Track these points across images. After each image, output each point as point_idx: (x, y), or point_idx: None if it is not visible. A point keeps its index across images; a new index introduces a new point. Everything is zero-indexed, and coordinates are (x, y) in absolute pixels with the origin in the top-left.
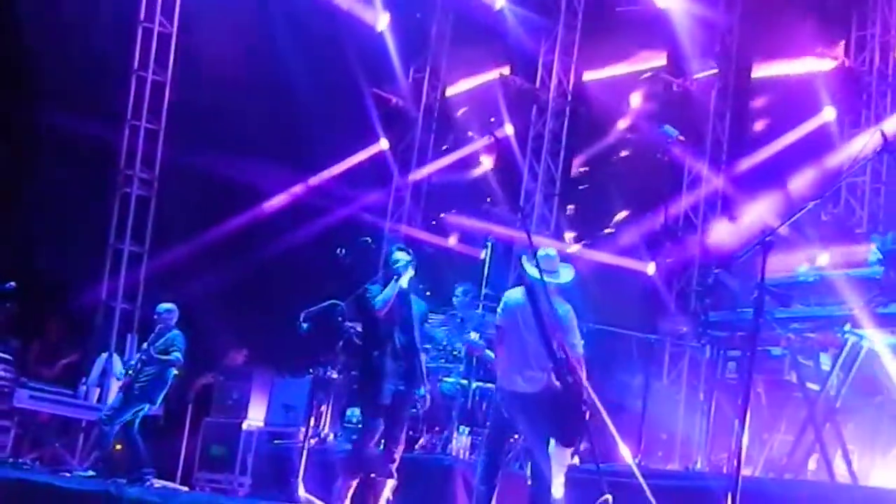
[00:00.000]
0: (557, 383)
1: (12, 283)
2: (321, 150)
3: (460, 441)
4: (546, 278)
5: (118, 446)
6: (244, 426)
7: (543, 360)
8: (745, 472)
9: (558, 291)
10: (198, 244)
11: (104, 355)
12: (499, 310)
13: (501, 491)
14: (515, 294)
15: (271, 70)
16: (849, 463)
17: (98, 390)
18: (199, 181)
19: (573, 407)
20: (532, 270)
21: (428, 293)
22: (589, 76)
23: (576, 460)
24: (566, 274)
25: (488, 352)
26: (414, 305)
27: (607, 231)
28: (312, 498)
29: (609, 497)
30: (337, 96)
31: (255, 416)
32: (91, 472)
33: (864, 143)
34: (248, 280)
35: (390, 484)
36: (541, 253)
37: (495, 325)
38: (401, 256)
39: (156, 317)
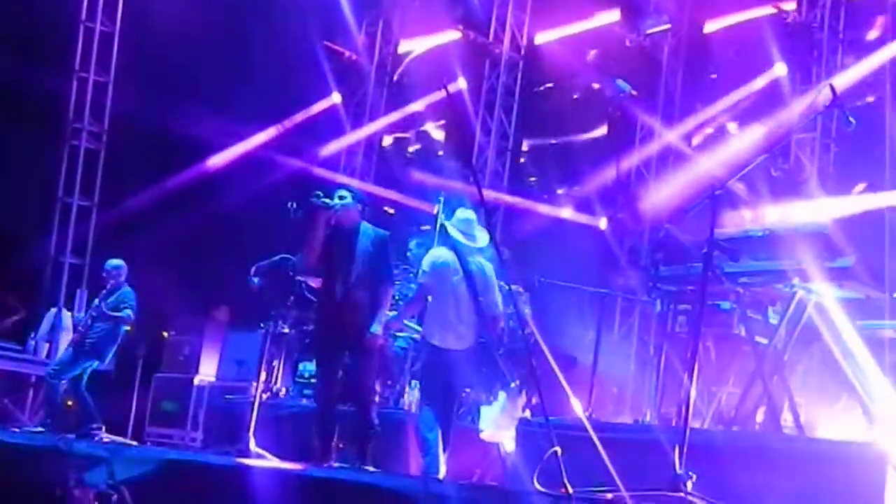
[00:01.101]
0: (481, 339)
1: None
2: (273, 104)
3: (412, 395)
4: (466, 241)
5: (68, 402)
6: (196, 381)
7: (471, 317)
8: (694, 424)
9: (477, 251)
10: (148, 198)
11: (53, 310)
12: (425, 269)
13: (455, 446)
14: (442, 254)
15: (223, 21)
16: (796, 414)
17: (47, 345)
18: (149, 134)
19: (492, 361)
20: (455, 233)
21: None
22: (542, 35)
23: (527, 413)
24: (482, 238)
25: None
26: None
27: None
28: (264, 452)
29: (558, 449)
30: (290, 49)
31: (207, 371)
32: (40, 428)
33: (814, 97)
34: (199, 234)
35: None
36: (461, 216)
37: (417, 284)
38: None
39: (104, 274)
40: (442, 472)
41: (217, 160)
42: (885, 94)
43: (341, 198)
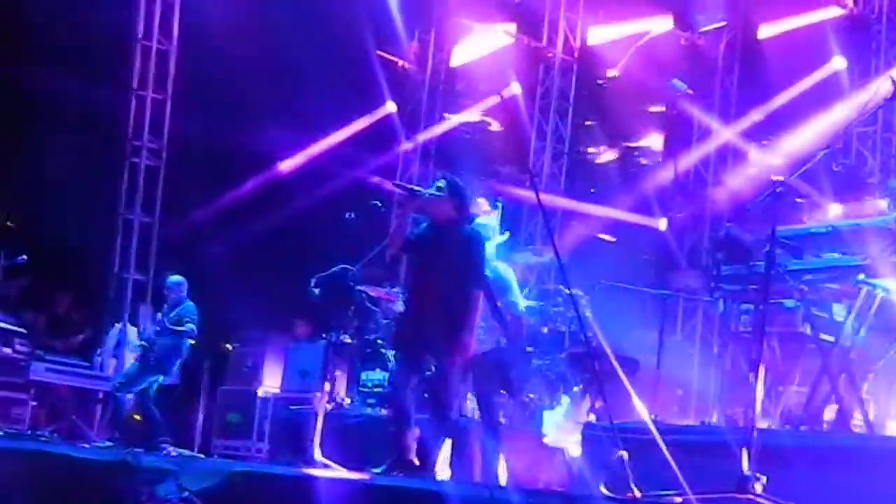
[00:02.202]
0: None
1: (23, 257)
2: (328, 115)
3: (474, 402)
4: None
5: (135, 416)
6: (260, 393)
7: (490, 320)
8: (761, 424)
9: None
10: (208, 212)
11: (118, 326)
12: None
13: (519, 452)
14: None
15: (276, 35)
16: (865, 413)
17: (113, 361)
18: (208, 149)
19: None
20: None
21: None
22: (595, 36)
23: (591, 417)
24: (499, 239)
25: None
26: None
27: None
28: (329, 462)
29: (624, 453)
30: (342, 60)
31: (271, 383)
32: (108, 443)
33: (874, 90)
34: (259, 246)
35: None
36: (480, 221)
37: None
38: None
39: (165, 290)
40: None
41: (274, 173)
42: None
43: (438, 188)
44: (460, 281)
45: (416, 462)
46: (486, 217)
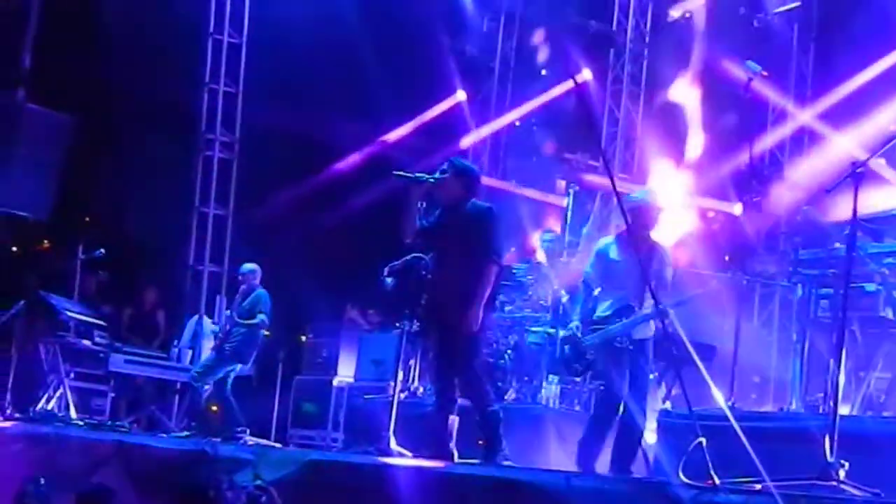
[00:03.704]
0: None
1: (101, 251)
2: (397, 104)
3: (549, 390)
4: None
5: (213, 407)
6: (334, 383)
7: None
8: (843, 411)
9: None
10: (282, 203)
11: (195, 318)
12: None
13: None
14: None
15: (344, 25)
16: None
17: (190, 352)
18: (281, 141)
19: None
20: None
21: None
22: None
23: (667, 405)
24: None
25: None
26: None
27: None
28: (404, 450)
29: (703, 440)
30: (413, 49)
31: (345, 373)
32: (186, 433)
33: None
34: (333, 236)
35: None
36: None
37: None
38: None
39: (239, 277)
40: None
41: (345, 163)
42: None
43: (442, 171)
44: (472, 257)
45: (455, 451)
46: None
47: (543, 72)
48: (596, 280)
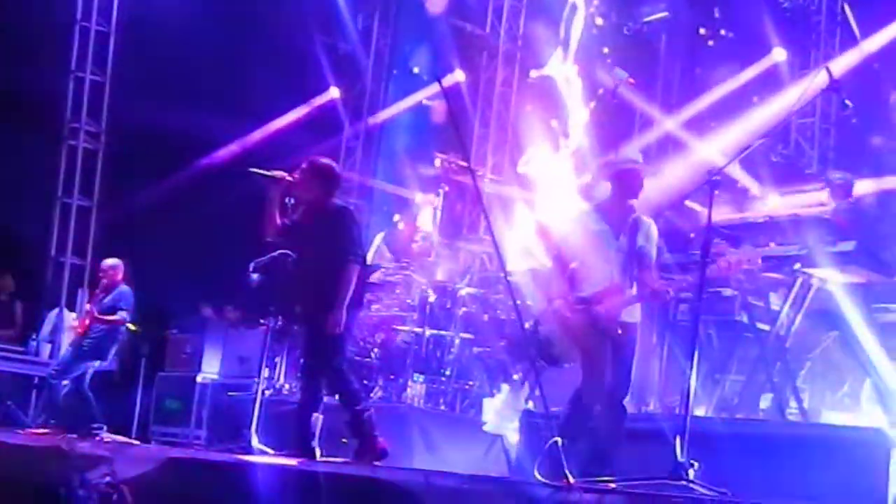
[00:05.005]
0: None
1: None
2: (270, 100)
3: (415, 389)
4: None
5: (71, 402)
6: (199, 379)
7: None
8: (698, 412)
9: None
10: (148, 196)
11: (55, 311)
12: None
13: (459, 439)
14: None
15: (218, 19)
16: (799, 401)
17: (49, 346)
18: (148, 133)
19: None
20: None
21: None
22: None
23: (530, 405)
24: None
25: None
26: None
27: None
28: (267, 448)
29: (559, 439)
30: (286, 45)
31: (210, 369)
32: (43, 429)
33: (811, 81)
34: (199, 231)
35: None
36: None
37: None
38: None
39: (100, 273)
40: None
41: (215, 158)
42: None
43: (301, 170)
44: (332, 256)
45: (318, 449)
46: (429, 204)
47: (416, 69)
48: (572, 254)
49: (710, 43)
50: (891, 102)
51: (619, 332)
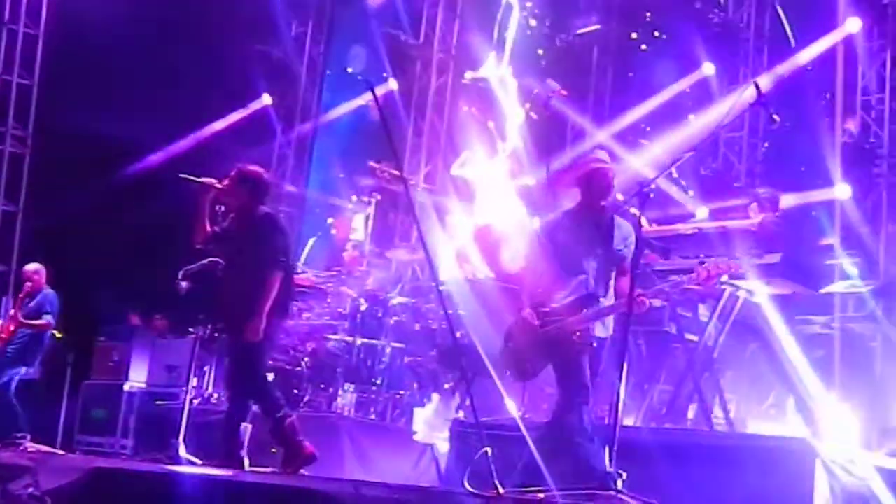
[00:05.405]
0: None
1: None
2: (203, 107)
3: (345, 398)
4: None
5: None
6: (126, 388)
7: None
8: (627, 422)
9: None
10: (75, 203)
11: None
12: None
13: (389, 448)
14: None
15: (150, 23)
16: (726, 411)
17: None
18: (77, 138)
19: None
20: None
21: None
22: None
23: (461, 414)
24: None
25: None
26: None
27: None
28: (194, 458)
29: (488, 450)
30: (219, 53)
31: (137, 378)
32: None
33: (739, 95)
34: (128, 238)
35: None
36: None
37: None
38: None
39: (24, 278)
40: None
41: (145, 164)
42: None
43: (230, 177)
44: (257, 264)
45: (245, 459)
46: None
47: (350, 69)
48: (544, 262)
49: (644, 47)
50: (845, 128)
51: (594, 345)
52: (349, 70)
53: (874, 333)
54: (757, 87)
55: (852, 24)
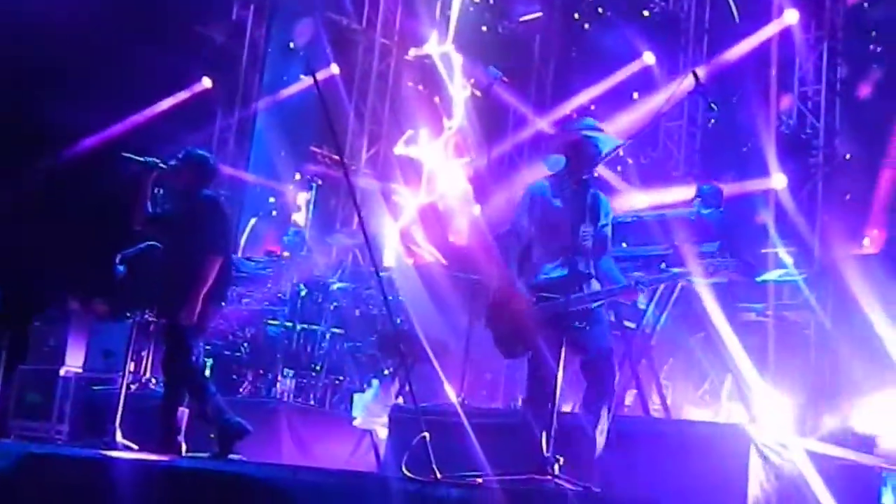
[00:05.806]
0: None
1: None
2: (143, 88)
3: (285, 384)
4: None
5: None
6: (61, 372)
7: None
8: (565, 408)
9: None
10: (12, 183)
11: None
12: None
13: (328, 434)
14: None
15: (90, 6)
16: (663, 397)
17: None
18: (12, 118)
19: None
20: None
21: None
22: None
23: (400, 400)
24: None
25: None
26: None
27: None
28: (131, 444)
29: (426, 435)
30: (161, 33)
31: (73, 362)
32: None
33: (678, 84)
34: (65, 222)
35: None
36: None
37: None
38: None
39: None
40: None
41: (84, 146)
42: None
43: (176, 159)
44: (195, 248)
45: (183, 444)
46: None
47: (291, 44)
48: (531, 231)
49: (587, 26)
50: (781, 108)
51: (588, 328)
52: (291, 46)
53: (808, 321)
54: (695, 76)
55: (790, 16)
